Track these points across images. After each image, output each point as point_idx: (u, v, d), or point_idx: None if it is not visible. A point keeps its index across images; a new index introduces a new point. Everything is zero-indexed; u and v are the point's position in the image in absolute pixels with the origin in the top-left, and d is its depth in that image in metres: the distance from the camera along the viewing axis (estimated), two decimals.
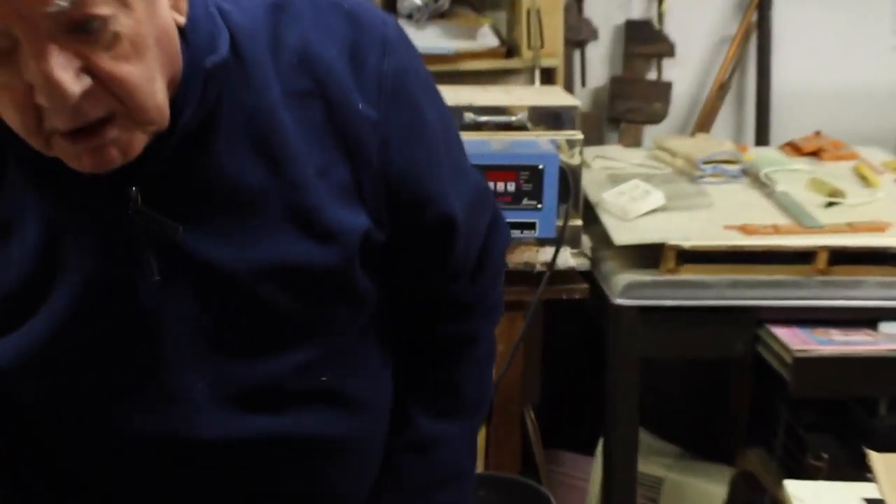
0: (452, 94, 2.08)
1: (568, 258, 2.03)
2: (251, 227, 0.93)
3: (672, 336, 1.98)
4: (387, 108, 0.97)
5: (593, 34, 2.63)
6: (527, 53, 2.31)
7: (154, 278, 0.91)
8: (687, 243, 1.95)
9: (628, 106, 2.67)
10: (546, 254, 2.02)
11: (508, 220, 1.87)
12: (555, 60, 2.34)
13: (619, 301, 1.96)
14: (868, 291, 1.90)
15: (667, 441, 2.43)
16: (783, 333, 1.86)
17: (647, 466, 2.30)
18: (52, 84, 0.79)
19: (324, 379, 0.99)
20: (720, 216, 2.06)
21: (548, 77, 2.37)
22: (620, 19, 2.66)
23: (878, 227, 1.94)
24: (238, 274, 0.92)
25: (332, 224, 0.95)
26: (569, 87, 2.59)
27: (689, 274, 1.96)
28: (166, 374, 0.93)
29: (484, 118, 2.00)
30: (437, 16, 2.30)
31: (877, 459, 1.30)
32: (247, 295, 0.93)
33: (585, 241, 2.07)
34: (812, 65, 2.67)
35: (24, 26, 0.78)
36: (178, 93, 0.89)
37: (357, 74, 0.95)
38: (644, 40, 2.63)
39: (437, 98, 1.05)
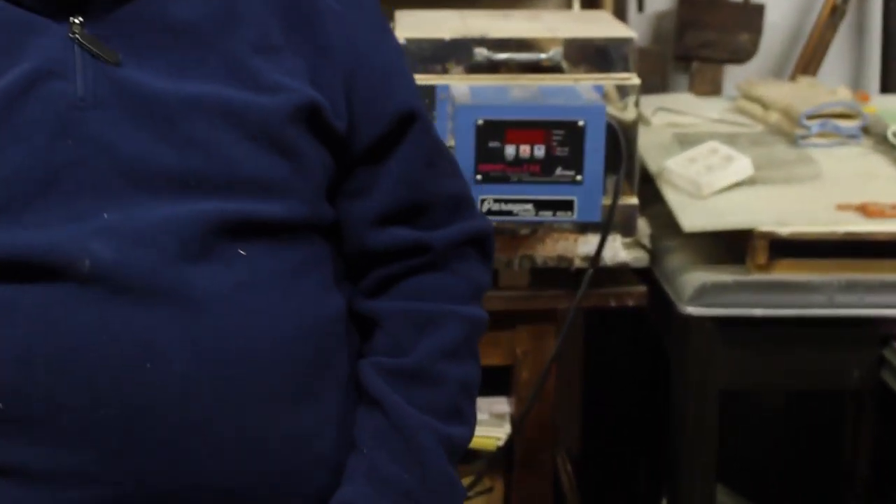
0: (458, 22, 2.10)
1: (618, 251, 2.03)
2: (191, 64, 1.23)
3: (763, 359, 1.98)
4: (351, 5, 1.30)
5: None
6: None
7: (80, 99, 1.20)
8: (784, 230, 1.97)
9: (703, 38, 2.68)
10: (588, 244, 2.03)
11: (535, 196, 1.96)
12: None
13: (690, 310, 1.97)
14: None
15: (754, 502, 2.44)
16: None
17: None
18: None
19: (242, 253, 1.22)
20: (831, 192, 2.08)
21: None
22: None
23: None
24: (172, 104, 1.21)
25: (271, 83, 1.24)
26: (620, 12, 2.62)
27: (786, 273, 1.98)
28: (75, 196, 1.19)
29: (502, 55, 2.00)
30: None
31: None
32: (178, 128, 1.21)
33: (643, 226, 2.09)
34: None
35: None
36: None
37: None
38: None
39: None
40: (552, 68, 2.01)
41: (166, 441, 1.19)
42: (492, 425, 2.09)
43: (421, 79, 1.98)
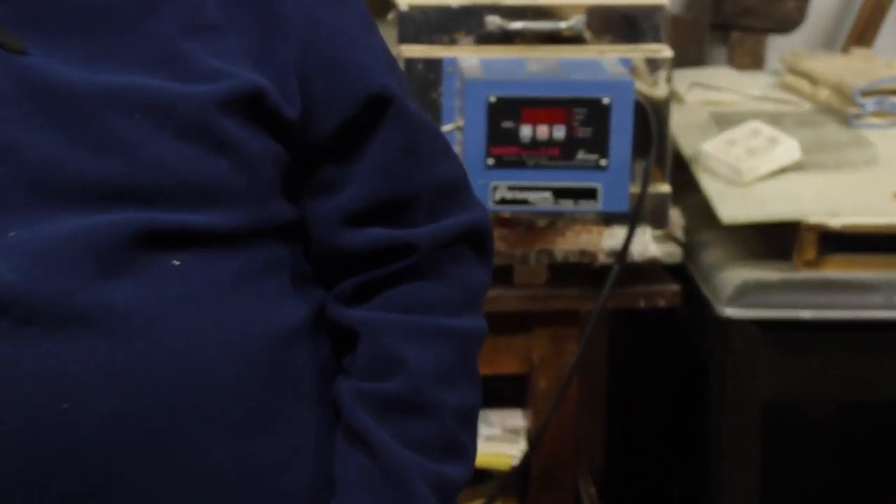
0: None
1: (648, 245, 2.04)
2: (110, 52, 1.18)
3: (812, 367, 1.99)
4: None
5: None
6: None
7: None
8: (836, 222, 1.97)
9: (744, 5, 2.67)
10: (614, 237, 2.04)
11: (555, 183, 1.98)
12: None
13: (730, 312, 1.98)
14: None
15: None
16: None
17: None
18: None
19: (176, 263, 1.18)
20: (888, 179, 2.08)
21: None
22: None
23: None
24: (86, 99, 1.15)
25: (203, 68, 1.19)
26: None
27: (838, 269, 1.98)
28: None
29: (517, 24, 2.01)
30: None
31: None
32: (94, 127, 1.16)
33: (676, 217, 2.09)
34: None
35: None
36: None
37: None
38: None
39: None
40: (573, 39, 2.02)
41: (92, 495, 1.14)
42: (505, 442, 2.09)
43: (426, 51, 1.99)
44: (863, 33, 2.68)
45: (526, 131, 1.92)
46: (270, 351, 1.22)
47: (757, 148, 2.13)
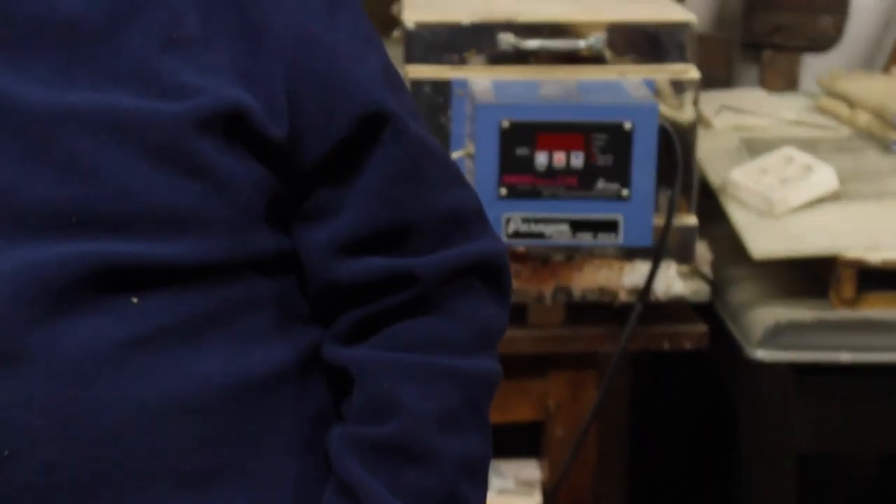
0: (478, 2, 2.10)
1: (673, 281, 2.04)
2: (79, 68, 1.17)
3: (850, 414, 1.99)
4: None
5: None
6: None
7: None
8: (875, 257, 1.98)
9: (776, 22, 2.68)
10: (637, 274, 2.04)
11: (573, 215, 1.98)
12: None
13: (761, 354, 1.98)
14: None
15: None
16: None
17: None
18: None
19: (134, 301, 1.16)
20: None
21: None
22: None
23: None
24: (48, 118, 1.15)
25: (179, 85, 1.18)
26: None
27: (878, 308, 1.99)
28: None
29: (532, 43, 2.01)
30: None
31: None
32: (56, 148, 1.15)
33: (703, 252, 2.10)
34: None
35: None
36: None
37: None
38: None
39: (365, 13, 1.30)
40: (593, 59, 2.02)
41: None
42: (519, 495, 2.09)
43: (434, 72, 1.99)
44: None
45: (541, 159, 1.92)
46: (237, 400, 1.20)
47: (790, 177, 2.13)
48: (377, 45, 1.28)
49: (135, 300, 1.16)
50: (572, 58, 2.01)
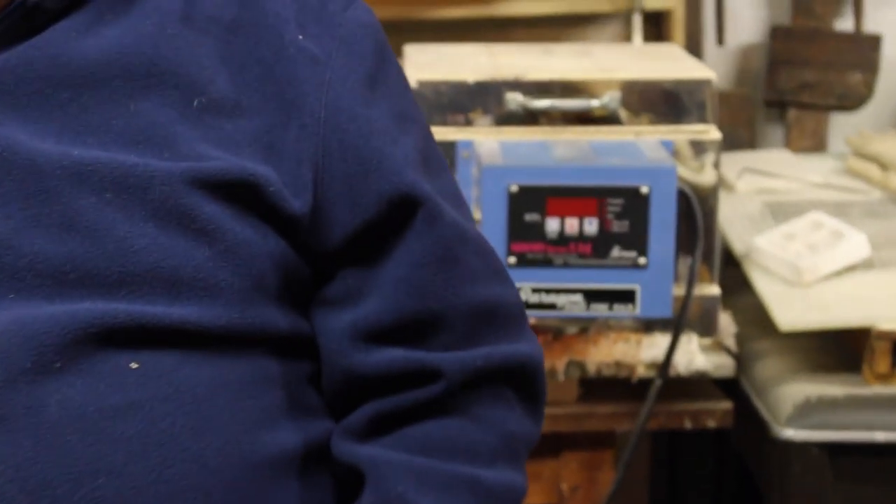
0: (485, 59, 2.13)
1: (695, 355, 2.03)
2: (90, 126, 1.18)
3: (887, 499, 1.98)
4: (338, 51, 1.24)
5: None
6: None
7: None
8: None
9: (802, 78, 2.68)
10: (655, 347, 2.04)
11: (587, 284, 2.00)
12: None
13: (790, 433, 1.98)
14: None
15: None
16: None
17: None
18: None
19: (134, 366, 1.15)
20: None
21: (656, 27, 2.44)
22: None
23: None
24: (51, 172, 1.16)
25: (194, 153, 1.18)
26: (694, 46, 2.63)
27: None
28: None
29: (541, 102, 2.02)
30: None
31: None
32: (57, 204, 1.16)
33: (726, 323, 2.10)
34: None
35: None
36: None
37: (304, 12, 1.25)
38: None
39: (409, 92, 1.31)
40: (607, 118, 2.03)
41: None
42: None
43: (438, 133, 1.97)
44: None
45: (553, 225, 1.92)
46: (234, 484, 1.17)
47: (819, 243, 2.12)
48: (418, 126, 1.28)
49: (134, 365, 1.15)
50: (585, 118, 2.02)
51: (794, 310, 2.01)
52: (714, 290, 2.03)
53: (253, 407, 1.20)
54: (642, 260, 1.94)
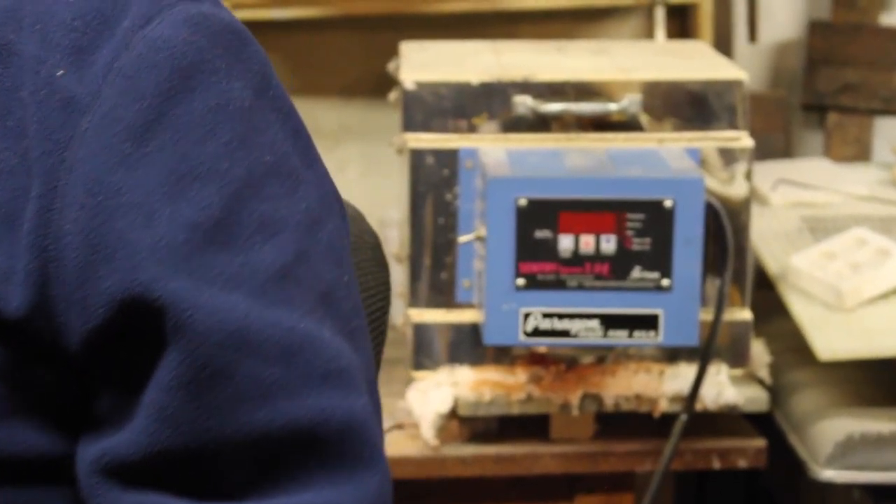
0: (490, 58, 2.13)
1: (724, 388, 2.03)
2: None
3: None
4: (110, 88, 1.08)
5: None
6: None
7: None
8: None
9: (844, 79, 2.67)
10: (680, 378, 2.04)
11: (604, 308, 2.00)
12: None
13: (830, 474, 1.98)
14: None
15: None
16: None
17: None
18: None
19: None
20: None
21: (682, 22, 2.44)
22: None
23: None
24: None
25: None
26: (723, 44, 2.62)
27: None
28: None
29: (554, 106, 2.02)
30: None
31: None
32: None
33: (760, 352, 2.10)
34: None
35: None
36: None
37: (86, 34, 1.09)
38: None
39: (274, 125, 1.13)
40: (626, 124, 2.02)
41: None
42: None
43: (438, 140, 1.99)
44: None
45: (566, 243, 1.91)
46: None
47: (862, 262, 2.12)
48: (231, 182, 1.10)
49: None
50: (601, 124, 2.02)
51: (834, 337, 2.01)
52: (746, 314, 2.04)
53: None
54: (666, 282, 1.93)
